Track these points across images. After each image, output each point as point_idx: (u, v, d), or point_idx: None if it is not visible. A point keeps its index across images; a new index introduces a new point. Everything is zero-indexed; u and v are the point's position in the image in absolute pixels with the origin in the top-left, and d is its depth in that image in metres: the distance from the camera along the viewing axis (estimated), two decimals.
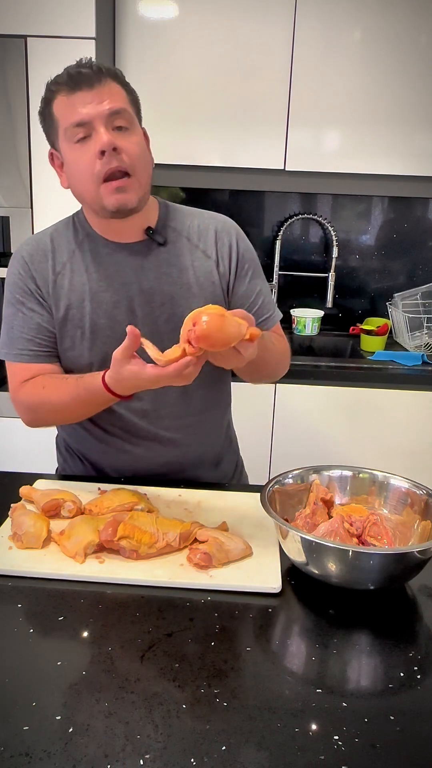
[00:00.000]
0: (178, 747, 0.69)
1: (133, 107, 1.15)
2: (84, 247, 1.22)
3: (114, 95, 1.10)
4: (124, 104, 1.11)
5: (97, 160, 1.08)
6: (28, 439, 2.35)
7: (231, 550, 1.01)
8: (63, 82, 1.09)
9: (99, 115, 1.08)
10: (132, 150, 1.11)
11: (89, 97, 1.08)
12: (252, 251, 1.30)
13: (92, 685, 0.78)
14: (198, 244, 1.25)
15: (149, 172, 1.17)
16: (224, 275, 1.26)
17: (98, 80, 1.08)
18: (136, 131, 1.14)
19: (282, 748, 0.69)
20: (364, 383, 2.30)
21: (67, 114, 1.09)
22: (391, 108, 2.33)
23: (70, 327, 1.22)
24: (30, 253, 1.23)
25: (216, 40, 2.27)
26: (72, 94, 1.08)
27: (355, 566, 0.91)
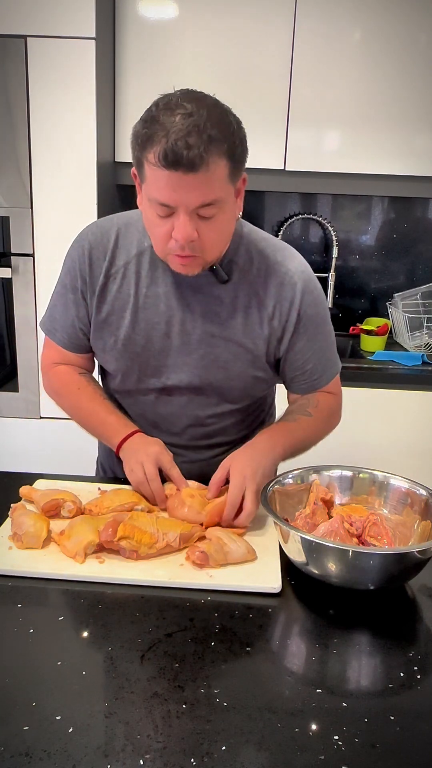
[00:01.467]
0: (178, 747, 0.69)
1: (233, 178, 1.02)
2: (145, 256, 1.17)
3: (213, 182, 0.97)
4: (220, 191, 0.99)
5: (171, 239, 1.02)
6: (28, 439, 2.36)
7: (231, 552, 1.01)
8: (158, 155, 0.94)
9: (187, 205, 0.98)
10: (209, 238, 1.03)
11: (184, 182, 0.96)
12: (317, 305, 1.21)
13: (92, 685, 0.78)
14: (259, 290, 1.17)
15: (227, 241, 1.11)
16: (276, 330, 1.19)
17: (201, 165, 0.94)
18: (222, 213, 1.03)
19: (282, 748, 0.69)
20: (364, 383, 2.30)
21: (155, 185, 0.99)
22: (391, 108, 2.33)
23: (107, 332, 1.22)
24: (92, 245, 1.19)
25: (216, 40, 2.27)
26: (165, 170, 0.95)
27: (355, 566, 0.91)
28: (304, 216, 2.72)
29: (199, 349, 1.19)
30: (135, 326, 1.19)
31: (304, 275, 1.20)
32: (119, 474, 1.37)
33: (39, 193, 2.17)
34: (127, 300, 1.19)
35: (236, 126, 1.01)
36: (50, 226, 2.17)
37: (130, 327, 1.19)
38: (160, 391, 1.24)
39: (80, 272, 1.20)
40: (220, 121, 0.97)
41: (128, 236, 1.19)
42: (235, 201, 1.07)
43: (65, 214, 2.12)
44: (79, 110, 2.11)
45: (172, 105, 0.97)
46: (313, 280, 1.22)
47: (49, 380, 1.33)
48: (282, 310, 1.18)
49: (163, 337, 1.19)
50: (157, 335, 1.19)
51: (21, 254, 2.22)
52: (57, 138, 2.12)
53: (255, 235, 1.21)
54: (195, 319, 1.18)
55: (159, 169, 0.96)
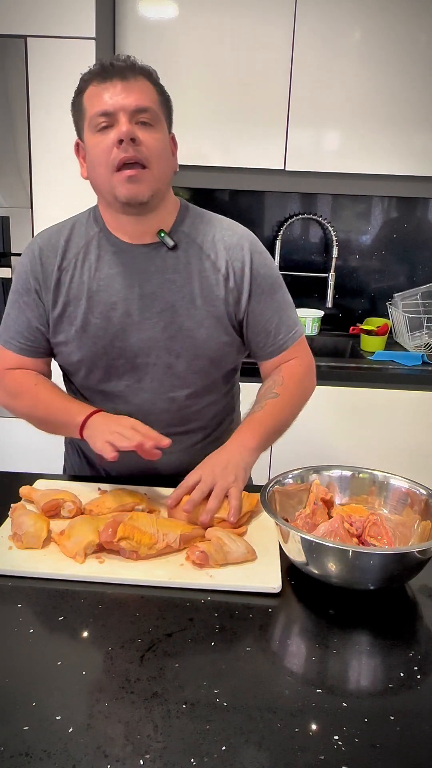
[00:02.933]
0: (178, 747, 0.69)
1: (163, 109, 1.14)
2: (93, 243, 1.21)
3: (143, 92, 1.10)
4: (151, 103, 1.11)
5: (114, 148, 1.08)
6: (28, 439, 2.36)
7: (231, 552, 1.01)
8: (96, 72, 1.10)
9: (124, 108, 1.08)
10: (151, 143, 1.10)
11: (118, 89, 1.08)
12: (267, 266, 1.25)
13: (92, 685, 0.78)
14: (210, 253, 1.21)
15: (168, 172, 1.16)
16: (232, 291, 1.22)
17: (131, 74, 1.09)
18: (160, 129, 1.13)
19: (282, 748, 0.69)
20: (364, 383, 2.30)
21: (94, 103, 1.09)
22: (391, 108, 2.33)
23: (65, 323, 1.22)
24: (41, 247, 1.23)
25: (216, 40, 2.27)
26: (102, 83, 1.09)
27: (355, 566, 0.91)
28: (304, 216, 2.72)
29: (161, 321, 1.20)
30: (93, 310, 1.20)
31: (250, 237, 1.25)
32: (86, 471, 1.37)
33: (39, 193, 2.17)
34: (81, 288, 1.20)
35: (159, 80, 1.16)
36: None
37: (88, 312, 1.20)
38: (130, 375, 1.23)
39: (32, 273, 1.23)
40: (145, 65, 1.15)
41: (76, 232, 1.23)
42: (167, 136, 1.16)
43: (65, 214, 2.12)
44: None
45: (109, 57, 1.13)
46: (259, 243, 1.27)
47: (5, 386, 1.29)
48: (235, 270, 1.21)
49: (123, 315, 1.20)
50: (116, 315, 1.20)
51: (21, 254, 2.21)
52: (57, 138, 2.12)
53: (200, 210, 1.27)
54: (153, 291, 1.19)
55: (96, 86, 1.09)
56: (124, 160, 1.08)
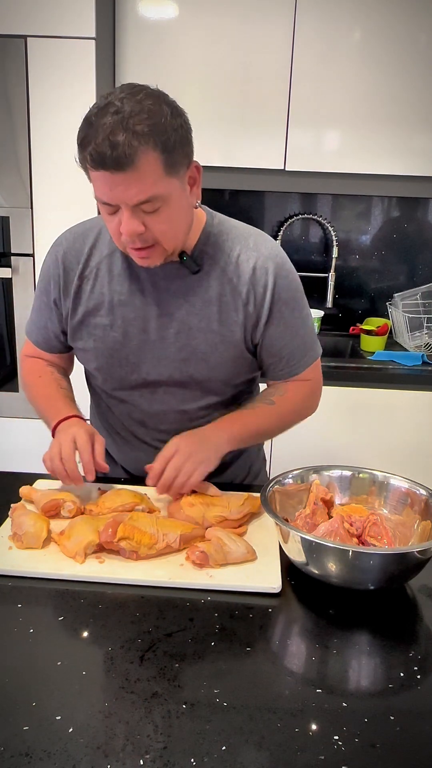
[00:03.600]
0: (178, 747, 0.69)
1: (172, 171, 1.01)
2: (117, 255, 1.19)
3: (145, 178, 0.97)
4: (155, 186, 0.99)
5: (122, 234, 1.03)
6: (28, 439, 2.36)
7: (231, 552, 1.01)
8: (90, 159, 0.97)
9: (125, 202, 1.00)
10: (159, 229, 1.04)
11: (117, 180, 0.97)
12: (292, 289, 1.21)
13: (92, 685, 0.78)
14: (232, 277, 1.17)
15: (184, 230, 1.10)
16: (251, 316, 1.18)
17: (128, 162, 0.95)
18: (170, 204, 1.03)
19: (282, 748, 0.69)
20: (364, 383, 2.30)
21: (96, 186, 1.01)
22: (391, 108, 2.33)
23: (84, 333, 1.23)
24: (65, 251, 1.21)
25: (216, 40, 2.27)
26: (98, 171, 0.98)
27: (355, 566, 0.91)
28: (304, 216, 2.72)
29: (176, 342, 1.19)
30: (113, 324, 1.20)
31: (277, 259, 1.19)
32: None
33: (39, 193, 2.17)
34: (101, 299, 1.20)
35: (170, 116, 1.00)
36: (50, 226, 2.17)
37: (108, 326, 1.20)
38: (143, 387, 1.24)
39: (53, 278, 1.22)
40: (150, 114, 0.96)
41: (102, 239, 1.20)
42: (184, 191, 1.06)
43: (65, 214, 2.12)
44: (79, 110, 2.07)
45: (106, 104, 0.97)
46: (287, 264, 1.21)
47: (22, 371, 1.38)
48: (256, 294, 1.17)
49: (140, 332, 1.19)
50: (134, 331, 1.19)
51: (21, 254, 2.22)
52: (57, 138, 2.12)
53: (226, 224, 1.21)
54: (171, 312, 1.18)
55: (93, 170, 0.99)
56: (134, 248, 1.06)
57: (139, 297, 1.18)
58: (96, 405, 1.37)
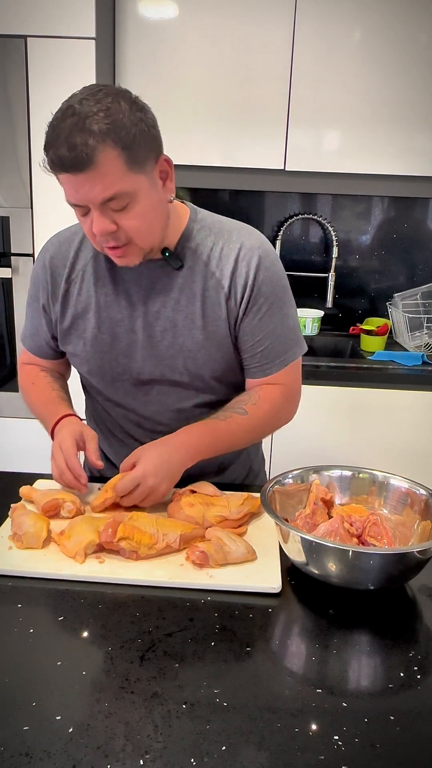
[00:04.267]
0: (178, 747, 0.69)
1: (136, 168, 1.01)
2: (101, 256, 1.19)
3: (107, 176, 0.98)
4: (119, 183, 0.99)
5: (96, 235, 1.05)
6: (28, 439, 2.36)
7: (231, 552, 1.01)
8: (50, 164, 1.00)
9: (92, 202, 1.01)
10: (130, 226, 1.04)
11: (80, 181, 0.99)
12: (273, 283, 1.18)
13: (92, 685, 0.78)
14: (215, 271, 1.16)
15: (159, 226, 1.10)
16: (233, 309, 1.17)
17: (86, 163, 0.96)
18: (138, 200, 1.03)
19: (282, 748, 0.69)
20: (364, 383, 2.30)
21: (65, 189, 1.03)
22: (391, 108, 2.33)
23: (74, 336, 1.23)
24: (52, 256, 1.23)
25: (216, 40, 2.27)
26: (61, 174, 1.00)
27: (355, 566, 0.91)
28: (304, 216, 2.72)
29: (163, 340, 1.19)
30: (100, 326, 1.20)
31: (260, 251, 1.16)
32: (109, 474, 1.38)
33: (39, 193, 2.17)
34: (88, 302, 1.20)
35: (128, 112, 0.99)
36: (50, 226, 2.16)
37: (96, 327, 1.20)
38: (136, 389, 1.24)
39: (42, 284, 1.24)
40: (107, 113, 0.97)
41: (86, 242, 1.21)
42: (154, 186, 1.06)
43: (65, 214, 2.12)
44: None
45: (66, 107, 0.98)
46: (270, 256, 1.18)
47: (19, 379, 1.39)
48: (237, 286, 1.15)
49: (129, 332, 1.19)
50: (122, 332, 1.19)
51: (21, 254, 2.22)
52: None
53: (209, 219, 1.20)
54: (157, 310, 1.18)
55: (57, 173, 1.01)
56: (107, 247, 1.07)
57: (124, 297, 1.19)
58: (92, 408, 1.37)
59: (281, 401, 1.24)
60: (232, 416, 1.20)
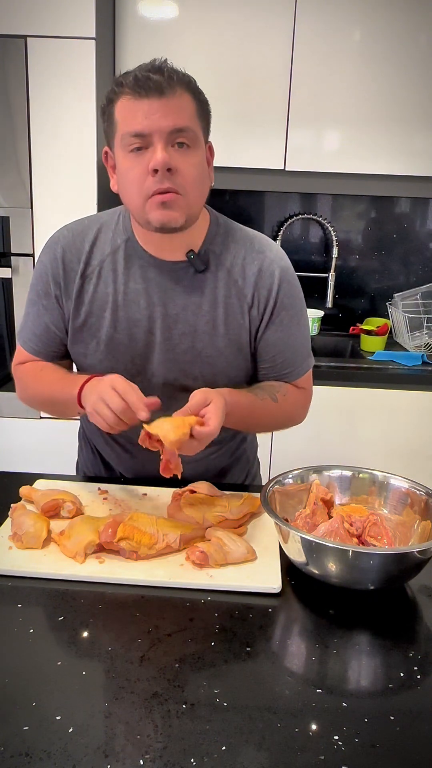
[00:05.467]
0: (178, 747, 0.69)
1: (202, 122, 1.06)
2: (120, 253, 1.16)
3: (182, 109, 1.01)
4: (190, 121, 1.02)
5: (149, 176, 1.02)
6: (28, 439, 2.36)
7: (231, 552, 1.01)
8: (129, 85, 1.00)
9: (160, 130, 1.00)
10: (188, 172, 1.03)
11: (154, 108, 0.99)
12: (294, 296, 1.21)
13: (92, 685, 0.78)
14: (238, 279, 1.16)
15: (204, 194, 1.10)
16: (255, 319, 1.18)
17: (169, 89, 0.99)
18: (198, 150, 1.05)
19: (282, 748, 0.69)
20: (364, 383, 2.30)
21: (128, 120, 1.01)
22: (391, 108, 2.33)
23: (86, 335, 1.19)
24: (64, 249, 1.17)
25: (216, 40, 2.27)
26: (137, 100, 1.00)
27: (355, 566, 0.91)
28: (304, 216, 2.72)
29: (181, 344, 1.17)
30: (117, 326, 1.17)
31: (282, 263, 1.19)
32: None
33: (39, 193, 2.17)
34: (105, 300, 1.16)
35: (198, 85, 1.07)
36: (50, 226, 2.15)
37: (112, 327, 1.17)
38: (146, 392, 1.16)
39: (53, 277, 1.17)
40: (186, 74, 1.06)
41: (102, 236, 1.17)
42: (205, 151, 1.09)
43: (65, 214, 2.12)
44: (79, 110, 2.11)
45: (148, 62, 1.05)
46: (291, 270, 1.21)
47: (18, 380, 1.28)
48: (260, 298, 1.17)
49: (147, 333, 1.17)
50: (140, 332, 1.17)
51: (21, 254, 2.22)
52: (57, 138, 2.12)
53: (230, 225, 1.21)
54: (177, 313, 1.16)
55: (130, 100, 1.01)
56: (158, 191, 1.03)
57: (144, 296, 1.16)
58: None
59: (301, 403, 1.28)
60: (266, 399, 1.20)
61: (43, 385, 1.23)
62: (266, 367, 1.23)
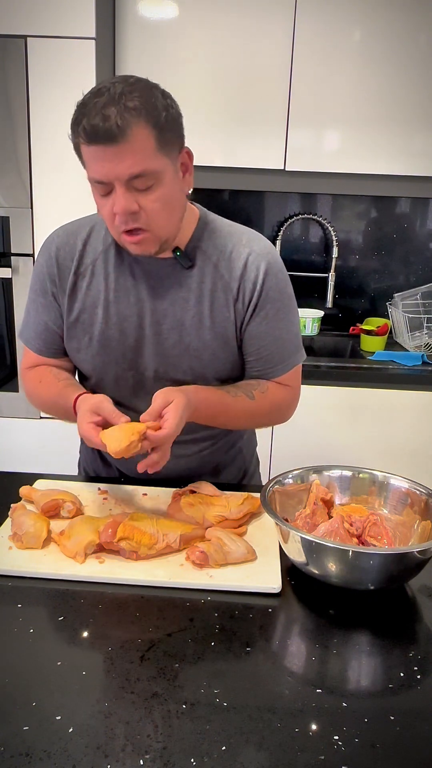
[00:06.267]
0: (178, 747, 0.69)
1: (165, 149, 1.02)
2: (111, 251, 1.19)
3: (138, 151, 0.98)
4: (148, 161, 1.00)
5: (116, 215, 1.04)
6: (28, 439, 2.36)
7: (231, 552, 1.01)
8: (82, 133, 0.99)
9: (118, 177, 1.00)
10: (152, 209, 1.04)
11: (109, 155, 0.98)
12: (281, 290, 1.20)
13: (92, 685, 0.78)
14: (224, 273, 1.17)
15: (176, 216, 1.10)
16: (240, 312, 1.18)
17: (120, 136, 0.97)
18: (161, 184, 1.04)
19: (282, 748, 0.69)
20: (364, 383, 2.30)
21: (90, 165, 1.02)
22: (391, 108, 2.33)
23: (79, 330, 1.21)
24: (58, 247, 1.20)
25: (216, 40, 2.27)
26: (90, 147, 0.99)
27: (355, 566, 0.91)
28: (304, 216, 2.72)
29: (170, 338, 1.18)
30: (108, 321, 1.19)
31: (269, 257, 1.19)
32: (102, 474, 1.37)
33: (39, 193, 2.17)
34: (97, 296, 1.19)
35: (161, 97, 1.02)
36: (50, 226, 2.16)
37: (104, 322, 1.19)
38: (138, 385, 1.23)
39: (49, 275, 1.21)
40: (142, 94, 0.99)
41: (95, 235, 1.20)
42: (177, 175, 1.07)
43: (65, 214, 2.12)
44: None
45: (98, 89, 1.00)
46: (278, 263, 1.20)
47: (25, 386, 1.32)
48: (245, 290, 1.17)
49: (137, 328, 1.19)
50: (130, 327, 1.19)
51: (21, 254, 2.22)
52: (57, 138, 2.12)
53: (219, 222, 1.22)
54: (165, 307, 1.18)
55: (86, 146, 0.99)
56: (125, 230, 1.06)
57: (133, 292, 1.18)
58: None
59: (285, 401, 1.27)
60: (241, 396, 1.21)
61: (43, 401, 1.28)
62: (251, 361, 1.23)
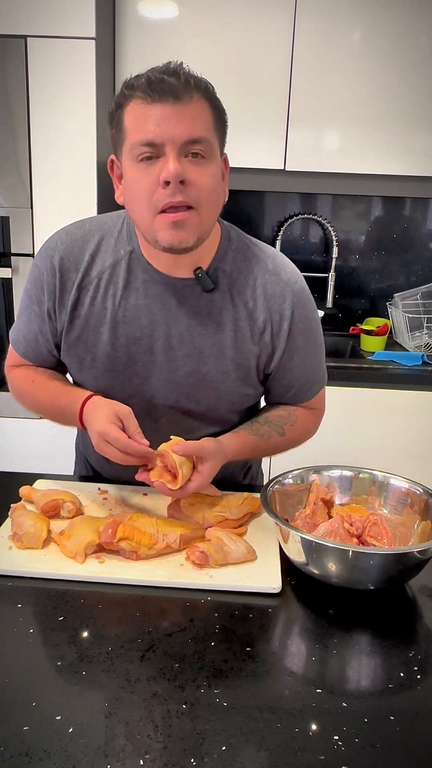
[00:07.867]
0: (178, 747, 0.69)
1: (218, 132, 0.99)
2: (122, 266, 1.09)
3: (199, 118, 0.93)
4: (206, 131, 0.95)
5: (159, 188, 0.94)
6: (28, 439, 2.36)
7: (231, 552, 1.01)
8: (141, 88, 0.92)
9: (174, 140, 0.92)
10: (203, 184, 0.95)
11: (168, 114, 0.91)
12: (309, 318, 1.14)
13: (92, 685, 0.78)
14: (248, 301, 1.09)
15: (217, 210, 1.02)
16: (267, 346, 1.12)
17: (185, 95, 0.91)
18: (213, 161, 0.98)
19: (282, 748, 0.69)
20: (364, 383, 2.30)
21: (138, 127, 0.93)
22: (391, 108, 2.33)
23: (81, 349, 1.12)
24: (62, 257, 1.09)
25: (216, 40, 2.27)
26: (149, 105, 0.91)
27: (355, 566, 0.91)
28: (304, 216, 2.72)
29: (185, 366, 1.11)
30: (114, 343, 1.10)
31: (296, 286, 1.12)
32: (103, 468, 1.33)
33: (39, 193, 2.17)
34: (103, 314, 1.09)
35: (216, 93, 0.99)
36: (50, 226, 2.16)
37: (109, 344, 1.10)
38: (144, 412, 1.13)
39: (47, 286, 1.10)
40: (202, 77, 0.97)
41: (104, 246, 1.10)
42: (220, 164, 1.02)
43: (65, 214, 2.12)
44: (79, 110, 2.11)
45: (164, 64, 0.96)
46: (306, 291, 1.15)
47: (10, 385, 1.25)
48: (273, 323, 1.11)
49: (146, 352, 1.10)
50: (139, 351, 1.10)
51: (21, 254, 2.22)
52: (57, 138, 2.12)
53: (243, 240, 1.14)
54: (181, 333, 1.09)
55: (141, 105, 0.92)
56: (169, 204, 0.95)
57: (145, 313, 1.09)
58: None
59: (313, 423, 1.26)
60: (273, 436, 1.18)
61: (36, 400, 1.20)
62: (282, 390, 1.19)
